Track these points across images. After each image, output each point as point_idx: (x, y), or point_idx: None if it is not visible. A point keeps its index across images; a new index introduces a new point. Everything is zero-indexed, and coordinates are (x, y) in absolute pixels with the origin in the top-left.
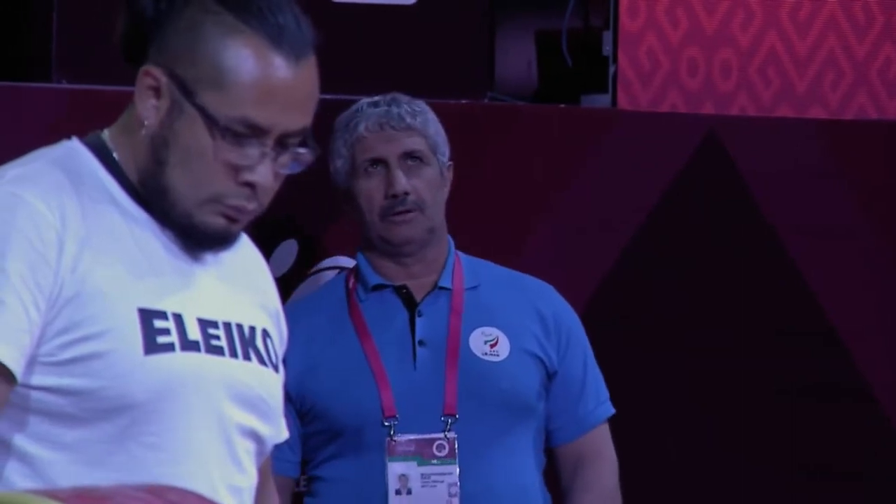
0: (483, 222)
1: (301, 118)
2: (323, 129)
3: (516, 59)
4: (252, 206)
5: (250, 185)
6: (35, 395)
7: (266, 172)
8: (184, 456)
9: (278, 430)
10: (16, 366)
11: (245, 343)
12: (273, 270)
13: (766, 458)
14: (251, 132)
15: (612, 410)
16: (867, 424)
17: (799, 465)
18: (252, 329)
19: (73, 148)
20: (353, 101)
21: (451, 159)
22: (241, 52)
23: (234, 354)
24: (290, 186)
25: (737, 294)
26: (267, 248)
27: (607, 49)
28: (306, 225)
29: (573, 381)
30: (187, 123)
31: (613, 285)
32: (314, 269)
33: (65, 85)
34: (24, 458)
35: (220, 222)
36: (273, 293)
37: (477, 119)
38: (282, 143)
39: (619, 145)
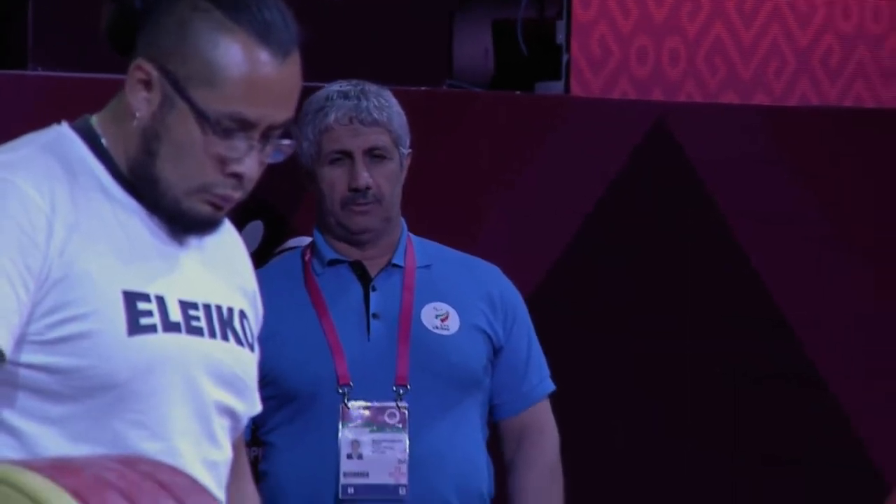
0: (439, 206)
1: (287, 111)
2: None
3: (474, 47)
4: (238, 195)
5: (237, 176)
6: (23, 372)
7: (252, 163)
8: (164, 432)
9: (252, 405)
10: (4, 344)
11: (223, 324)
12: None
13: (712, 443)
14: (240, 126)
15: (553, 386)
16: (814, 409)
17: (744, 449)
18: (230, 310)
19: (63, 133)
20: (315, 88)
21: (410, 145)
22: (230, 50)
23: (213, 335)
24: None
25: (684, 279)
26: None
27: (560, 38)
28: (272, 206)
29: (518, 357)
30: (179, 118)
31: (563, 269)
32: (278, 249)
33: (40, 72)
34: (13, 432)
35: (206, 209)
36: (250, 275)
37: (435, 105)
38: (266, 134)
39: (572, 131)
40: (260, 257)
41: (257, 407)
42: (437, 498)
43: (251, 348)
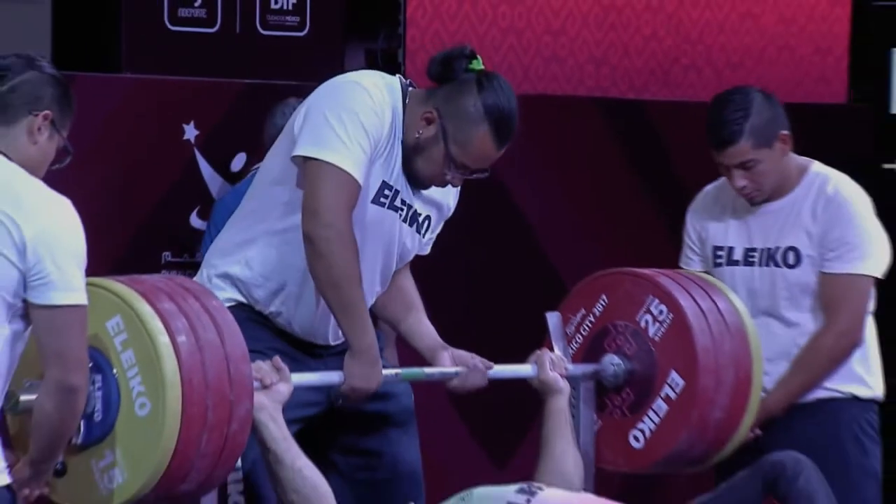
0: None
1: (487, 166)
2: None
3: (356, 66)
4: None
5: (453, 183)
6: None
7: (459, 181)
8: (370, 253)
9: (410, 256)
10: (361, 180)
11: (417, 221)
12: None
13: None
14: (463, 169)
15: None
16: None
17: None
18: (423, 215)
19: (397, 87)
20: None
21: None
22: (481, 140)
23: (405, 222)
24: None
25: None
26: None
27: (400, 59)
28: None
29: None
30: (437, 151)
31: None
32: None
33: (129, 75)
34: None
35: (426, 186)
36: (449, 198)
37: None
38: (471, 172)
39: None
40: None
41: (421, 252)
42: None
43: (422, 235)
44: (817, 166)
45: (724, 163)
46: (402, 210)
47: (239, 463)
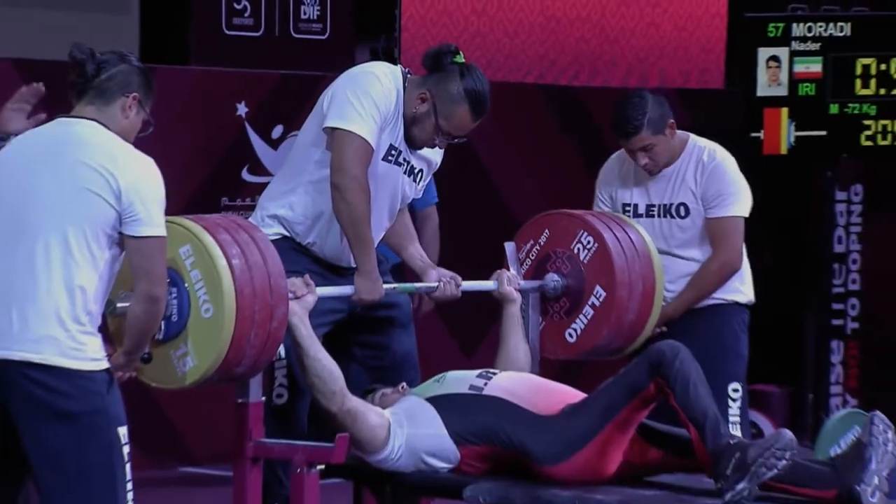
0: None
1: (465, 134)
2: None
3: (365, 62)
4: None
5: (440, 146)
6: None
7: (444, 144)
8: (379, 199)
9: (409, 199)
10: (374, 145)
11: (413, 172)
12: None
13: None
14: (447, 135)
15: None
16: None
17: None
18: (419, 169)
19: (399, 74)
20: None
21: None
22: (462, 115)
23: (405, 173)
24: None
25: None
26: None
27: (396, 55)
28: None
29: None
30: (429, 122)
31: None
32: None
33: (196, 67)
34: None
35: (419, 147)
36: (438, 159)
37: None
38: (452, 137)
39: None
40: None
41: (417, 195)
42: None
43: (417, 184)
44: (694, 138)
45: (629, 148)
46: (403, 165)
47: (283, 353)
